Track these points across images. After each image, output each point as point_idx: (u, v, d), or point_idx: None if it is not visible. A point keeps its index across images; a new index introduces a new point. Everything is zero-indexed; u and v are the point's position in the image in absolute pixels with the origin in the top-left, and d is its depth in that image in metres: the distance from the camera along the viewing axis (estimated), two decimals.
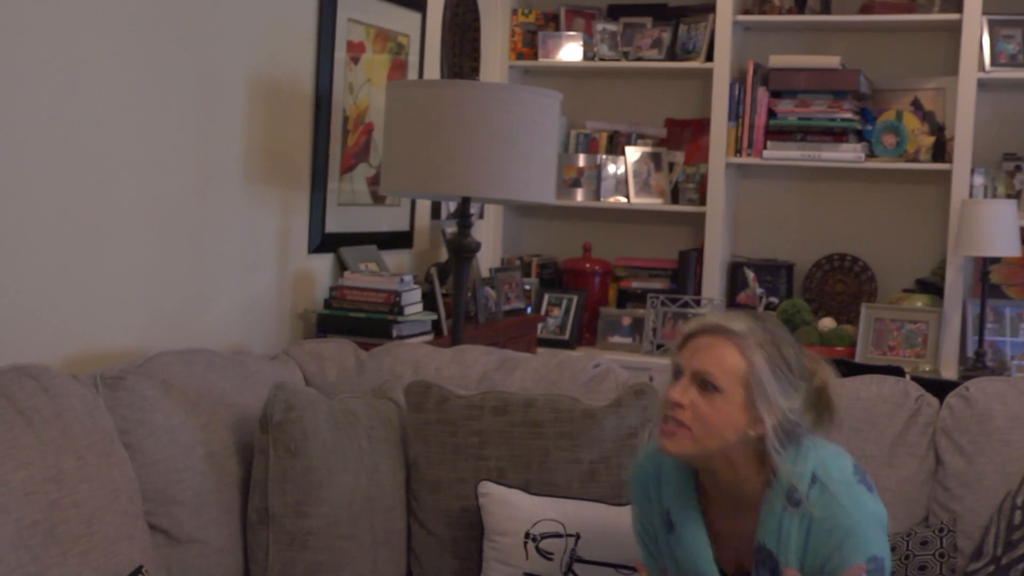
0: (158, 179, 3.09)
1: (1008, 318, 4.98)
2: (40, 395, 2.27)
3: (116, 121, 2.93)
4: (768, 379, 2.08)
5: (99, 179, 2.89)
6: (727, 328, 2.11)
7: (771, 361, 2.10)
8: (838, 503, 2.07)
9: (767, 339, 2.11)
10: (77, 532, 2.19)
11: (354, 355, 3.27)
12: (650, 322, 5.32)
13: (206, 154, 3.28)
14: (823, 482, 2.09)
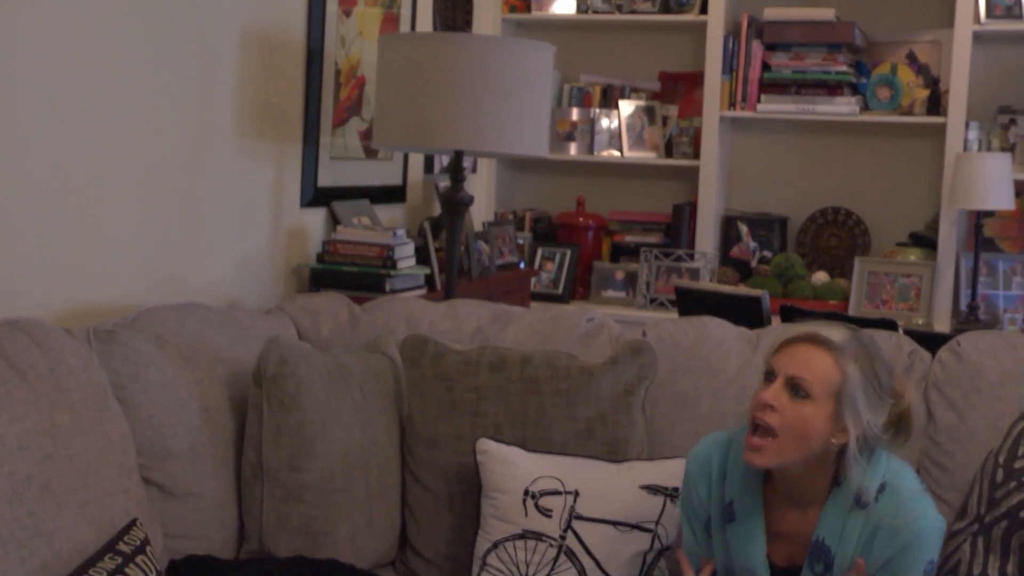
0: (151, 133, 3.08)
1: (1001, 272, 4.98)
2: (33, 350, 2.26)
3: (108, 76, 2.91)
4: (859, 393, 2.12)
5: (92, 134, 2.87)
6: (825, 338, 2.14)
7: (864, 375, 2.13)
8: (908, 510, 2.15)
9: (862, 353, 2.15)
10: (72, 485, 2.19)
11: (347, 309, 3.26)
12: (643, 276, 5.32)
13: (198, 108, 3.26)
14: (893, 489, 2.17)
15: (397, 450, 2.86)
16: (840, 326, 2.18)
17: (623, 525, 2.56)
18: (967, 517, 2.52)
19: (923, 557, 2.14)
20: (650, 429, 2.84)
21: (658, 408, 2.87)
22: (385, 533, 2.81)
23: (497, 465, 2.64)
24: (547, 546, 2.57)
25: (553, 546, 2.56)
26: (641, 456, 2.77)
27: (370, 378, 2.85)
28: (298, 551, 2.63)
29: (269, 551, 2.65)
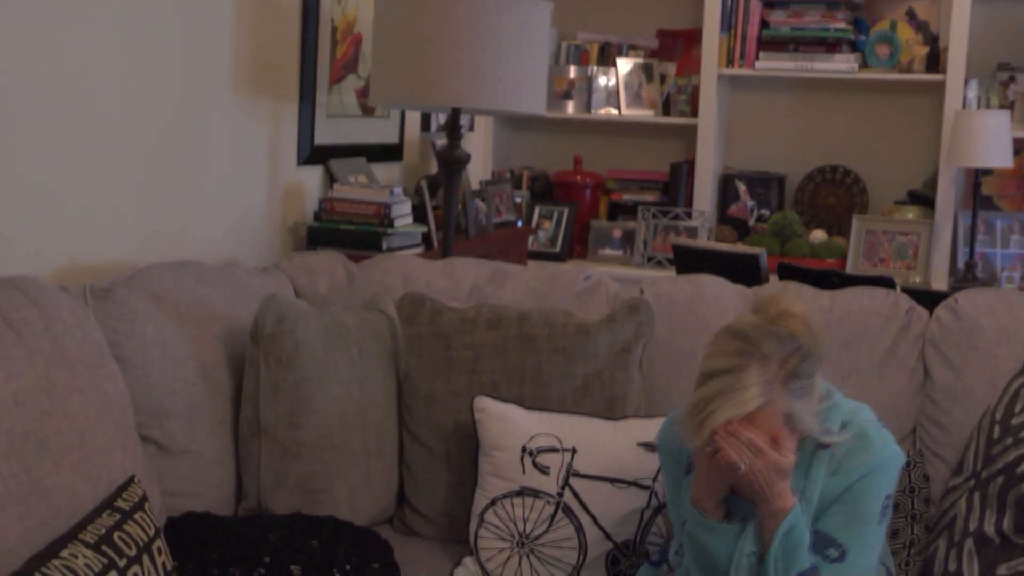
0: (146, 91, 3.06)
1: (999, 230, 4.98)
2: (29, 307, 2.26)
3: (103, 33, 2.88)
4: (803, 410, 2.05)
5: (87, 91, 2.85)
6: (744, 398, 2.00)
7: (798, 394, 2.03)
8: (868, 440, 2.14)
9: (782, 370, 2.02)
10: (69, 443, 2.19)
11: (344, 267, 3.26)
12: (641, 234, 5.32)
13: (194, 66, 3.24)
14: (854, 424, 2.16)
15: (395, 408, 2.86)
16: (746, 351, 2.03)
17: (620, 482, 2.57)
18: (963, 473, 2.53)
19: (882, 489, 2.12)
20: (647, 387, 2.84)
21: (655, 366, 2.88)
22: (383, 490, 2.82)
23: (494, 423, 2.65)
24: (544, 503, 2.57)
25: (551, 503, 2.57)
26: (638, 413, 2.77)
27: (367, 336, 2.85)
28: (296, 508, 2.64)
29: (267, 508, 2.66)
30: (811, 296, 2.92)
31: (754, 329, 2.05)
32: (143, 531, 2.18)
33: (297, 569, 2.37)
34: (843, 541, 2.11)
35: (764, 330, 2.04)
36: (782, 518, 2.05)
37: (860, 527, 2.12)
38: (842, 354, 2.80)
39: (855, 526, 2.12)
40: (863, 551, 2.13)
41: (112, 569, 2.03)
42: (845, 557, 2.11)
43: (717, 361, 2.02)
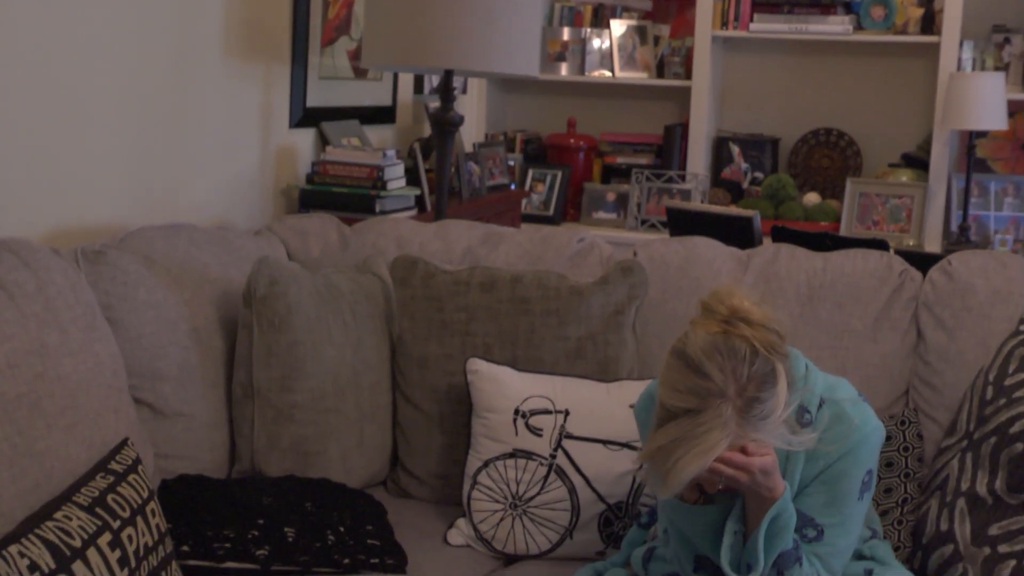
0: (138, 52, 3.04)
1: (993, 192, 4.98)
2: (21, 269, 2.25)
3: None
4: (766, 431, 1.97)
5: (79, 53, 2.84)
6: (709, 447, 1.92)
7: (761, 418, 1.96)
8: (847, 416, 2.10)
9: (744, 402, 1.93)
10: (62, 405, 2.19)
11: (337, 230, 3.25)
12: (635, 197, 5.31)
13: (185, 27, 3.22)
14: (833, 402, 2.12)
15: (388, 370, 2.86)
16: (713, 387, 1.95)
17: (613, 444, 2.57)
18: (956, 434, 2.54)
19: (862, 464, 2.10)
20: (640, 349, 2.84)
21: (649, 328, 2.87)
22: (376, 453, 2.83)
23: (487, 385, 2.65)
24: (537, 465, 2.58)
25: (543, 465, 2.58)
26: (631, 376, 2.77)
27: (360, 299, 2.84)
28: (289, 471, 2.65)
29: (260, 471, 2.66)
30: (804, 258, 2.91)
31: (707, 357, 1.93)
32: (137, 493, 2.18)
33: (291, 531, 2.38)
34: (821, 521, 2.10)
35: (716, 356, 1.93)
36: (770, 505, 2.03)
37: (839, 507, 2.10)
38: (835, 316, 2.80)
39: (834, 506, 2.10)
40: (841, 530, 2.12)
41: (106, 531, 2.04)
42: (822, 536, 2.10)
43: (674, 398, 1.94)
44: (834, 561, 2.12)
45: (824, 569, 2.10)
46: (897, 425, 2.63)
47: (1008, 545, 2.29)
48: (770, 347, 1.95)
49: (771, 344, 1.96)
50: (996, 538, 2.32)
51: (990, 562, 2.30)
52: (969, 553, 2.34)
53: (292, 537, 2.36)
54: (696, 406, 1.91)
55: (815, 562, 2.10)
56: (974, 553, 2.33)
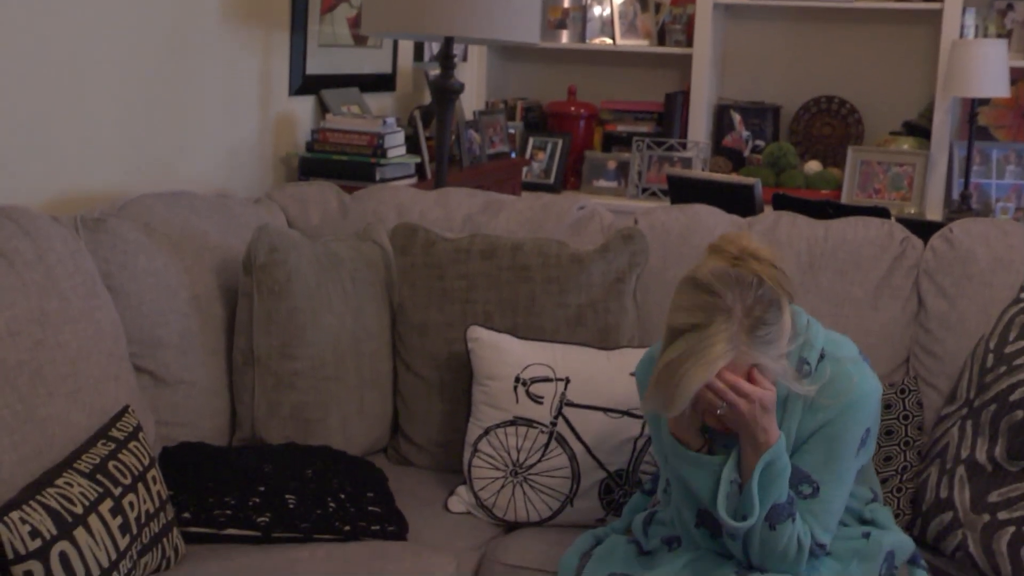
0: (138, 19, 3.02)
1: (995, 160, 4.96)
2: (21, 237, 2.24)
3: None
4: (770, 357, 2.01)
5: (78, 21, 2.82)
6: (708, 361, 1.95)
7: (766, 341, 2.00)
8: (847, 374, 2.12)
9: (751, 322, 1.97)
10: (63, 372, 2.19)
11: (337, 198, 3.24)
12: (635, 166, 5.30)
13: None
14: (833, 357, 2.14)
15: (388, 338, 2.86)
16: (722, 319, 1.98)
17: (614, 412, 2.57)
18: (956, 402, 2.54)
19: (860, 422, 2.11)
20: (641, 316, 2.84)
21: (649, 296, 2.87)
22: (377, 420, 2.83)
23: (488, 352, 2.65)
24: (538, 432, 2.58)
25: (544, 432, 2.58)
26: (632, 343, 2.77)
27: (361, 266, 2.84)
28: (290, 438, 2.65)
29: (261, 438, 2.67)
30: (805, 226, 2.91)
31: (716, 278, 1.99)
32: (138, 460, 2.19)
33: (292, 498, 2.39)
34: (817, 478, 2.11)
35: (725, 278, 1.99)
36: (765, 450, 2.04)
37: (835, 464, 2.11)
38: (836, 284, 2.80)
39: (831, 463, 2.11)
40: (836, 487, 2.12)
41: (107, 497, 2.04)
42: (818, 493, 2.11)
43: (681, 316, 1.98)
44: (829, 518, 2.13)
45: (819, 527, 2.11)
46: (897, 393, 2.64)
47: (1007, 512, 2.30)
48: (777, 281, 2.03)
49: (778, 279, 2.04)
50: (995, 505, 2.32)
51: (989, 528, 2.31)
52: (968, 520, 2.35)
53: (293, 504, 2.37)
54: (703, 320, 1.96)
55: (810, 520, 2.10)
56: (973, 520, 2.34)
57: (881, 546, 2.20)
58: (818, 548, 2.12)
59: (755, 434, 2.04)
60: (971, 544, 2.33)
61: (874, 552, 2.19)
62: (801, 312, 2.17)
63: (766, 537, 2.07)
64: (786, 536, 2.07)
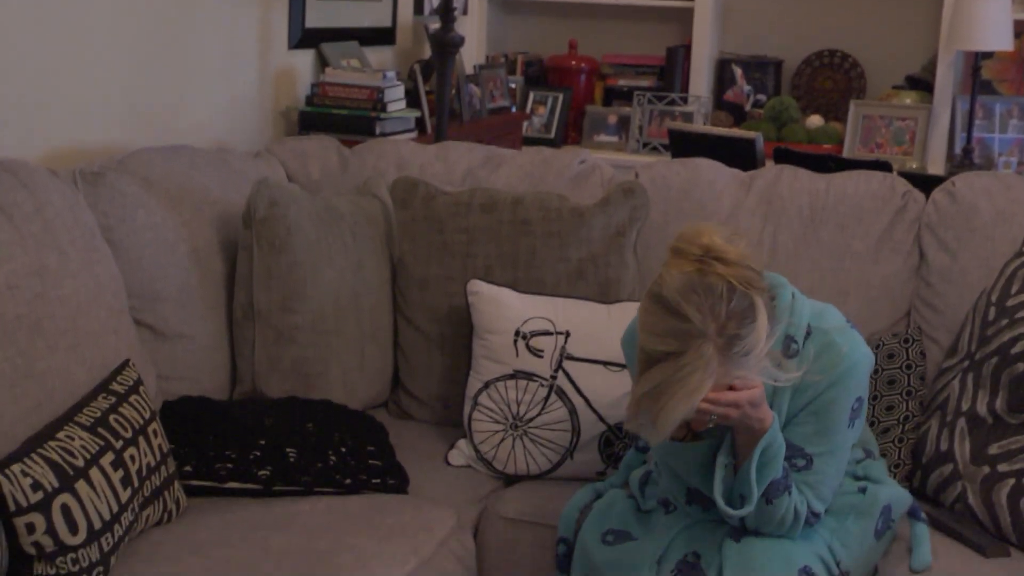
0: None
1: (998, 114, 4.93)
2: (19, 190, 2.23)
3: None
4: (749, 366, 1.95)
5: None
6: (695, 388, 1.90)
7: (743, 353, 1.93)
8: (835, 345, 2.09)
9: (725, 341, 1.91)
10: (63, 326, 2.19)
11: (337, 152, 3.23)
12: (636, 120, 5.27)
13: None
14: (820, 331, 2.10)
15: (389, 292, 2.86)
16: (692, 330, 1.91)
17: (614, 365, 2.57)
18: (957, 355, 2.54)
19: (851, 393, 2.10)
20: (642, 270, 2.83)
21: (650, 250, 2.86)
22: (377, 374, 2.83)
23: (488, 306, 2.65)
24: (538, 386, 2.58)
25: (544, 386, 2.58)
26: (632, 297, 2.77)
27: (361, 220, 2.83)
28: (290, 392, 2.65)
29: (262, 392, 2.67)
30: (807, 180, 2.90)
31: (684, 297, 1.90)
32: (138, 414, 2.19)
33: (292, 452, 2.39)
34: (810, 451, 2.10)
35: (693, 296, 1.90)
36: (760, 437, 2.02)
37: (828, 436, 2.10)
38: (837, 238, 2.79)
39: (823, 436, 2.10)
40: (831, 458, 2.12)
41: (108, 451, 2.05)
42: (811, 465, 2.11)
43: (654, 342, 1.92)
44: (824, 488, 2.13)
45: (814, 496, 2.11)
46: (900, 343, 2.63)
47: (1007, 464, 2.31)
48: (747, 283, 1.93)
49: (748, 280, 1.93)
50: (995, 457, 2.33)
51: (989, 481, 2.31)
52: (968, 472, 2.36)
53: (294, 458, 2.38)
54: (677, 348, 1.89)
55: (805, 491, 2.10)
56: (973, 472, 2.35)
57: (877, 500, 2.21)
58: (813, 517, 2.12)
59: (750, 426, 2.02)
60: (970, 496, 2.34)
61: (870, 507, 2.20)
62: (785, 285, 2.12)
63: (763, 510, 2.07)
64: (783, 508, 2.07)
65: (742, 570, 2.07)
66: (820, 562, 2.11)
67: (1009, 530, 2.27)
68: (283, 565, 2.07)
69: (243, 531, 2.19)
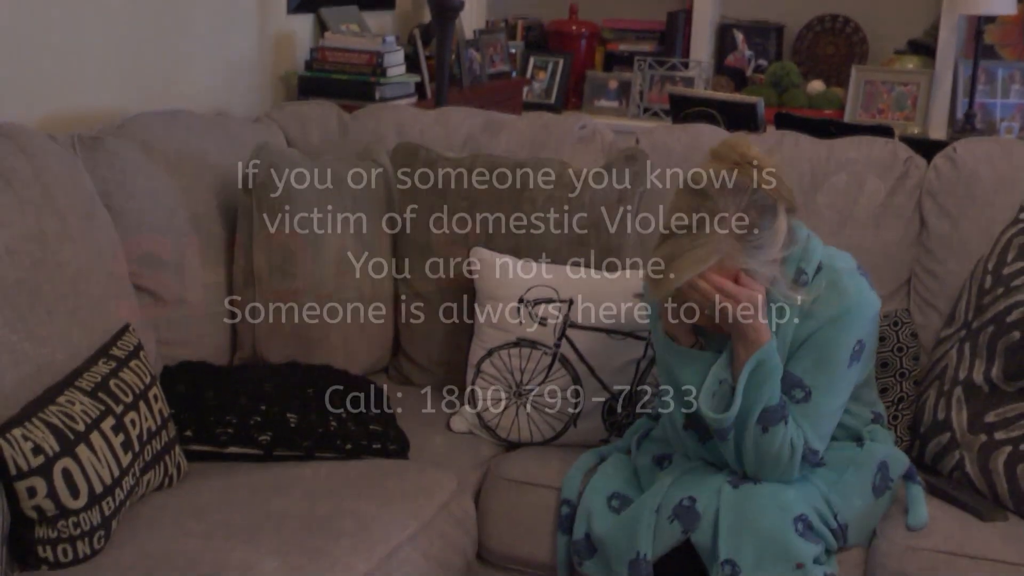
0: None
1: (1000, 79, 4.92)
2: (17, 155, 2.22)
3: None
4: (760, 262, 2.05)
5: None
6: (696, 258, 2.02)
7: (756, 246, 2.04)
8: (842, 283, 2.15)
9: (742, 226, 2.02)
10: (62, 292, 2.19)
11: (337, 117, 3.22)
12: (637, 85, 5.26)
13: None
14: (830, 268, 2.17)
15: (389, 257, 2.85)
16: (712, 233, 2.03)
17: (617, 333, 2.57)
18: (955, 324, 2.54)
19: (852, 332, 2.14)
20: (644, 237, 2.83)
21: (652, 217, 2.85)
22: (378, 340, 2.83)
23: (491, 274, 2.64)
24: (542, 354, 2.58)
25: (548, 354, 2.58)
26: (635, 264, 2.77)
27: (361, 186, 2.82)
28: (291, 357, 2.66)
29: (262, 357, 2.67)
30: (808, 145, 2.89)
31: (711, 182, 2.03)
32: (139, 379, 2.19)
33: (293, 417, 2.40)
34: (809, 383, 2.14)
35: (721, 182, 2.03)
36: (755, 350, 2.09)
37: (827, 371, 2.14)
38: (838, 203, 2.78)
39: (822, 369, 2.14)
40: (828, 394, 2.16)
41: (109, 415, 2.05)
42: (809, 399, 2.14)
43: (676, 221, 2.05)
44: (822, 426, 2.16)
45: (812, 432, 2.14)
46: (891, 326, 2.64)
47: (1004, 432, 2.31)
48: (775, 189, 2.04)
49: (776, 187, 2.05)
50: (992, 425, 2.33)
51: (986, 448, 2.32)
52: (966, 440, 2.36)
53: (294, 423, 2.38)
54: (695, 221, 2.02)
55: (803, 424, 2.13)
56: (971, 440, 2.35)
57: (874, 455, 2.25)
58: (811, 454, 2.15)
59: (745, 333, 2.09)
60: (968, 464, 2.34)
61: (867, 460, 2.24)
62: (801, 225, 2.20)
63: (759, 440, 2.11)
64: (779, 438, 2.10)
65: (738, 516, 2.10)
66: (816, 513, 2.14)
67: (1006, 497, 2.28)
68: (284, 528, 2.08)
69: (244, 495, 2.20)
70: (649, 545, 2.16)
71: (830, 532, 2.15)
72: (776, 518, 2.08)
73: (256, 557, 1.98)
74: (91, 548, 1.96)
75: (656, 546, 2.16)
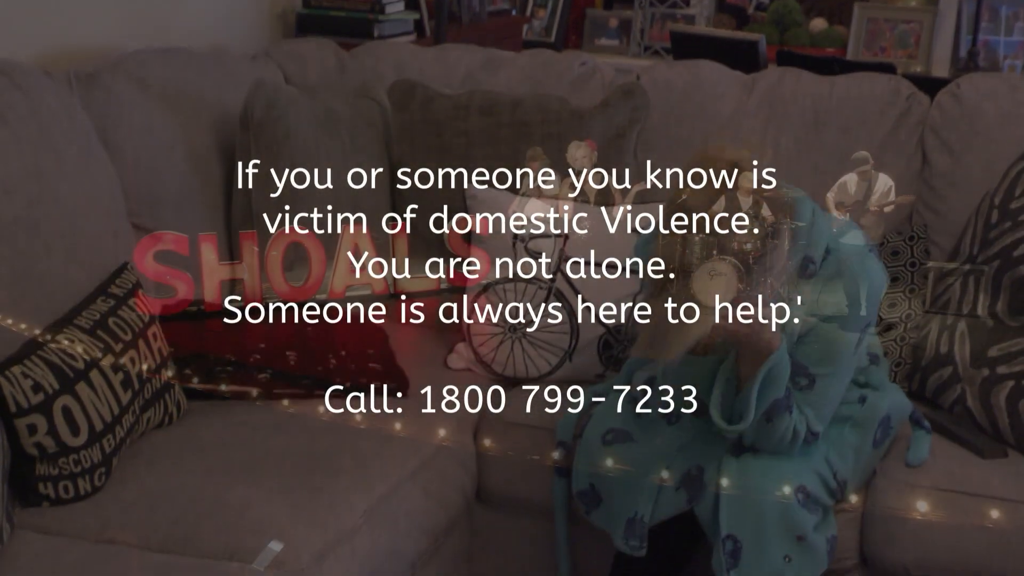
0: None
1: (1004, 16, 4.88)
2: (13, 91, 2.20)
3: None
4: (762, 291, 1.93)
5: None
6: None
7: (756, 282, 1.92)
8: (851, 272, 2.08)
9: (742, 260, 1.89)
10: (60, 229, 2.18)
11: (335, 55, 3.20)
12: (638, 23, 5.22)
13: None
14: (837, 252, 2.10)
15: (387, 195, 2.84)
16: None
17: (612, 267, 2.57)
18: (960, 257, 2.53)
19: (860, 321, 2.08)
20: (642, 172, 2.81)
21: (651, 153, 2.84)
22: None
23: (487, 209, 2.63)
24: (537, 288, 2.58)
25: (543, 288, 2.58)
26: (633, 199, 2.75)
27: (359, 123, 2.81)
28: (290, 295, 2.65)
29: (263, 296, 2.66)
30: (810, 82, 2.87)
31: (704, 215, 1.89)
32: (138, 317, 2.19)
33: (292, 355, 2.40)
34: (814, 371, 2.09)
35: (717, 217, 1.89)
36: (767, 357, 2.00)
37: (833, 359, 2.10)
38: (840, 140, 2.77)
39: (829, 358, 2.09)
40: (833, 380, 2.12)
41: (108, 353, 2.05)
42: (814, 385, 2.10)
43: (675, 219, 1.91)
44: (825, 409, 2.13)
45: (815, 416, 2.11)
46: (905, 240, 2.61)
47: (1007, 366, 2.31)
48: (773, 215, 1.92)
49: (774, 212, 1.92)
50: (995, 360, 2.33)
51: (988, 383, 2.32)
52: (968, 374, 2.36)
53: (294, 361, 2.38)
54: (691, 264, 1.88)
55: (806, 410, 2.10)
56: (972, 374, 2.35)
57: (876, 412, 2.21)
58: (811, 436, 2.12)
59: (756, 346, 2.00)
60: (969, 398, 2.34)
61: (869, 418, 2.21)
62: (805, 201, 2.08)
63: (762, 429, 2.08)
64: (782, 427, 2.08)
65: (738, 487, 2.08)
66: (817, 478, 2.13)
67: (1008, 432, 2.28)
68: (284, 466, 2.09)
69: (244, 433, 2.20)
70: (648, 508, 2.15)
71: (829, 493, 2.15)
72: (776, 493, 2.07)
73: (256, 494, 1.98)
74: (92, 485, 1.96)
75: (659, 511, 2.16)
